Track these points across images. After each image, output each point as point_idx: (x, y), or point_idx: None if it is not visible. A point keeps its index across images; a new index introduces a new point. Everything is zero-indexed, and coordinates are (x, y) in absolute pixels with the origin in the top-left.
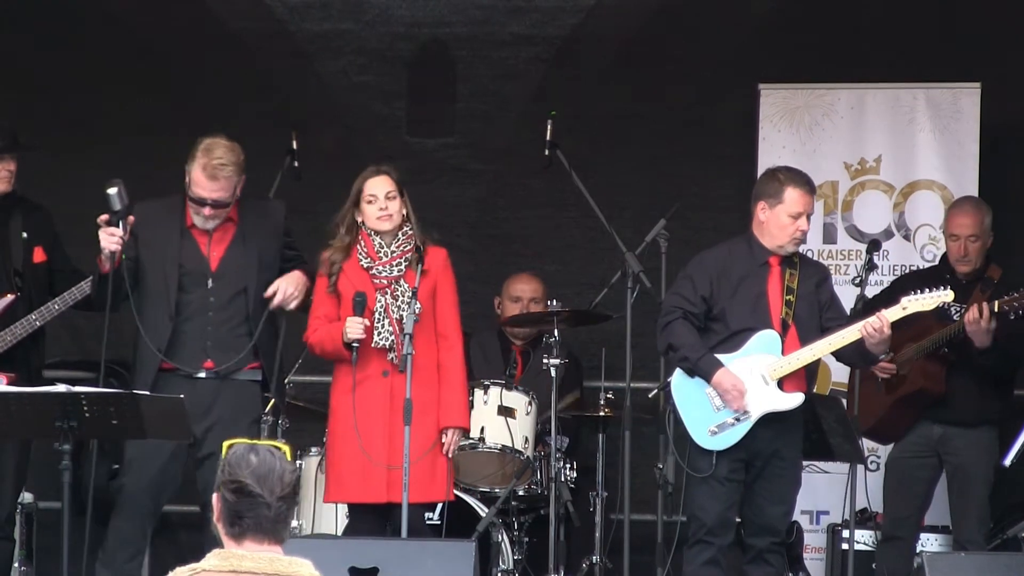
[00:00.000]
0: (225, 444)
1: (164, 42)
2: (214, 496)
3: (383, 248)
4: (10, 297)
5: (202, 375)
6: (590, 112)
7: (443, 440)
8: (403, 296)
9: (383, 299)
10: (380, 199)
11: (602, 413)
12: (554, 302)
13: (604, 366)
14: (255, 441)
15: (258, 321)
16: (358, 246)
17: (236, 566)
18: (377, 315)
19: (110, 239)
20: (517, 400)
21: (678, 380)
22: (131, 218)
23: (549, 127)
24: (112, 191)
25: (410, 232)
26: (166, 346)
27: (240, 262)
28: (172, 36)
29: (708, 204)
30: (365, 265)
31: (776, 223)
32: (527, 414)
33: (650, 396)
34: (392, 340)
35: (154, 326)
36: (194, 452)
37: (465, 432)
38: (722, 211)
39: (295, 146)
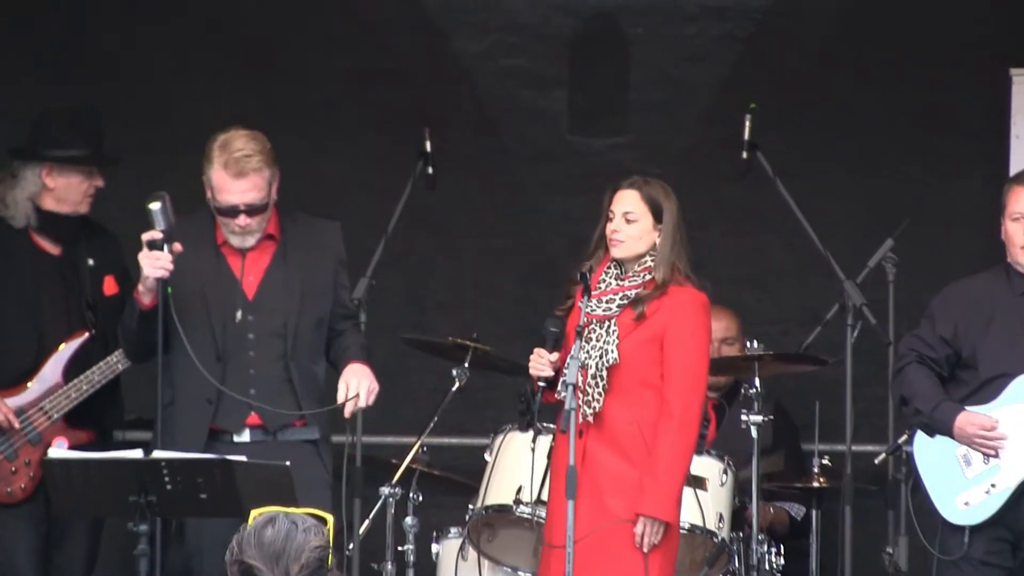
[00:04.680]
0: (253, 512)
1: (248, 9)
2: None
3: (607, 277)
4: (84, 336)
5: (245, 438)
6: (798, 103)
7: (636, 531)
8: (600, 341)
9: (580, 340)
10: (616, 218)
11: (816, 483)
12: (754, 343)
13: (818, 424)
14: (291, 510)
15: (302, 365)
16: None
17: None
18: (569, 359)
19: (154, 263)
20: (709, 467)
21: (920, 440)
22: (177, 245)
23: (747, 123)
24: (155, 206)
25: (648, 265)
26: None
27: (280, 288)
28: (266, 15)
29: (947, 218)
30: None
31: (1007, 235)
32: (722, 484)
33: (876, 462)
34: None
35: (194, 372)
36: None
37: (666, 526)
38: (964, 227)
39: (428, 147)
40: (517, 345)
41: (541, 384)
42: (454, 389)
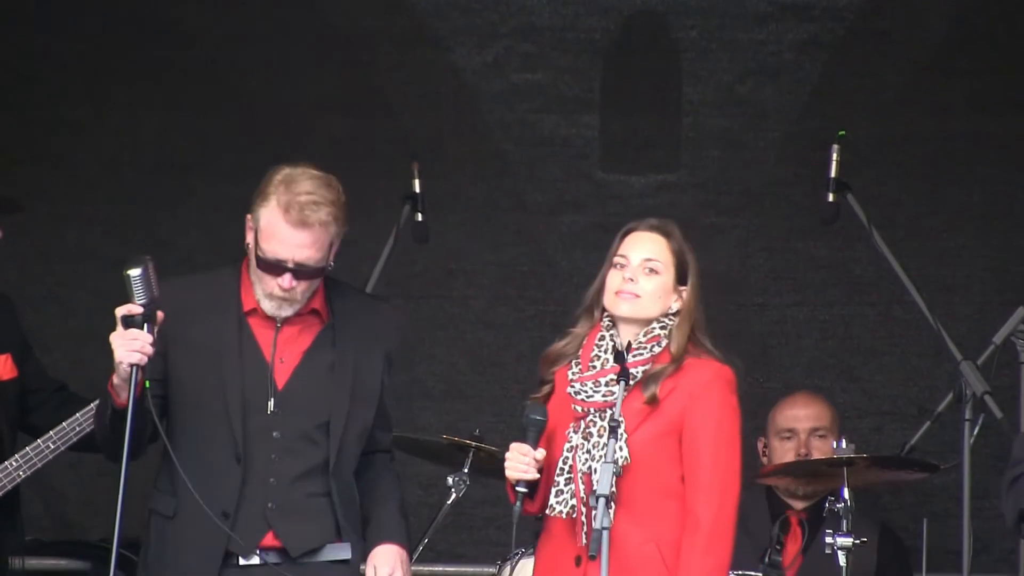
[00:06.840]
0: None
1: (201, 22)
2: None
3: (602, 352)
4: None
5: (255, 560)
6: (901, 132)
7: None
8: (603, 436)
9: (574, 437)
10: (633, 266)
11: None
12: (842, 443)
13: (925, 547)
14: None
15: (343, 480)
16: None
17: None
18: (561, 463)
19: (130, 345)
20: None
21: None
22: (161, 314)
23: (835, 156)
24: (135, 272)
25: (655, 334)
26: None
27: (323, 379)
28: (210, 10)
29: None
30: (573, 375)
31: None
32: None
33: None
34: (573, 506)
35: (205, 477)
36: None
37: None
38: None
39: (417, 188)
40: None
41: (521, 491)
42: (449, 503)
